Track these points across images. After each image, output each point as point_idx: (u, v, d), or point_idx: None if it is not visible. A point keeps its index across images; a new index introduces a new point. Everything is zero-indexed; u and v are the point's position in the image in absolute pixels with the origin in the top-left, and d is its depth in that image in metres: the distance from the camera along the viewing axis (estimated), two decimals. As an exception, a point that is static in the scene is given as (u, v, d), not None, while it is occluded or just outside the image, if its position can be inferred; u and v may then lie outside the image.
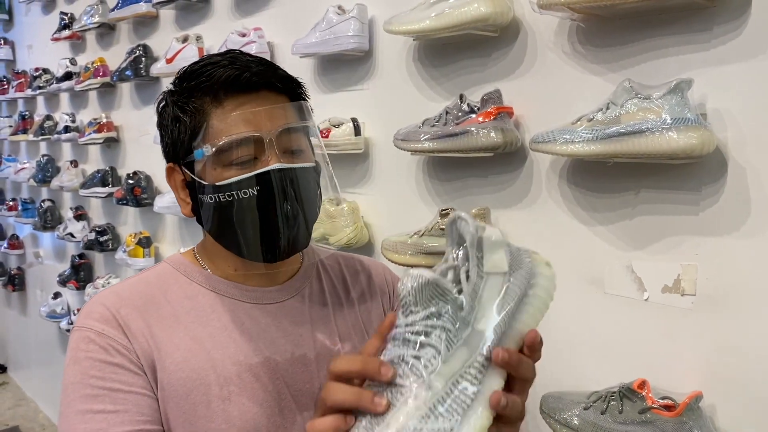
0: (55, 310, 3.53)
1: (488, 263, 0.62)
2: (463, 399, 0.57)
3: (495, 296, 0.61)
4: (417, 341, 0.59)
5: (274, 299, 0.89)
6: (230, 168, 0.81)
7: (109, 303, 0.82)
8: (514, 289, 0.61)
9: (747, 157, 1.08)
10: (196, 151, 0.82)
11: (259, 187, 0.80)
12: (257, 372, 0.83)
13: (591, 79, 1.26)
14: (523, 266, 0.63)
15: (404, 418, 0.56)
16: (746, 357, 1.09)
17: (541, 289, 0.62)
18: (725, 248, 1.11)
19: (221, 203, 0.81)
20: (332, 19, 1.70)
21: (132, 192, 2.66)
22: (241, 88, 0.81)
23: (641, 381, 1.13)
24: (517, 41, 1.39)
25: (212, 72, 0.81)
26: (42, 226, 3.56)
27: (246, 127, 0.80)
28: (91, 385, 0.77)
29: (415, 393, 0.57)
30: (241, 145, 0.80)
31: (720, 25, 1.09)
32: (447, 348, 0.58)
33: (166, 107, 0.86)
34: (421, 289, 0.60)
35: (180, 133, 0.84)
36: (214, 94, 0.81)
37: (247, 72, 0.81)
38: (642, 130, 1.07)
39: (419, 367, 0.58)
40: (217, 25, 2.31)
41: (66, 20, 3.19)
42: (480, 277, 0.61)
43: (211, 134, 0.81)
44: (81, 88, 2.96)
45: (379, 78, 1.73)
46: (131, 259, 2.69)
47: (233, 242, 0.84)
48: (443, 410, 0.56)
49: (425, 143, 1.43)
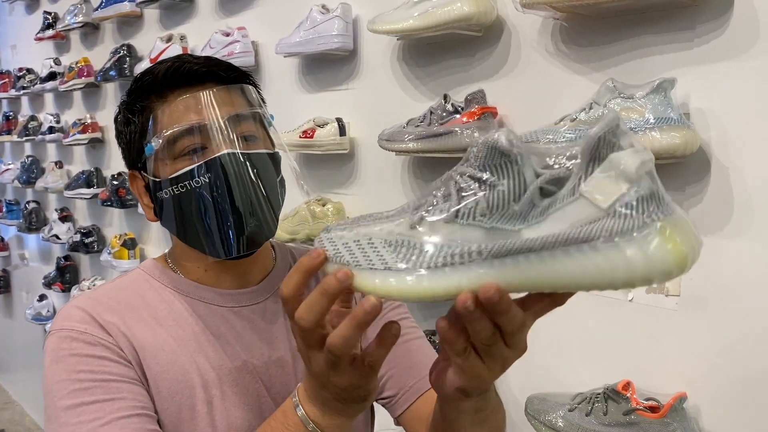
0: (40, 313, 3.50)
1: (592, 184, 0.46)
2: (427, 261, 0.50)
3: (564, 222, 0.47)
4: (447, 190, 0.52)
5: (249, 301, 0.88)
6: (180, 159, 0.79)
7: (86, 306, 0.80)
8: (593, 233, 0.45)
9: (730, 156, 1.07)
10: (146, 147, 0.80)
11: (210, 174, 0.77)
12: (236, 377, 0.82)
13: (574, 79, 1.26)
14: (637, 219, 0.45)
15: (376, 230, 0.53)
16: (730, 358, 1.09)
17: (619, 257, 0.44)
18: (709, 248, 1.10)
19: (175, 196, 0.80)
20: (316, 19, 1.69)
21: (117, 193, 2.63)
22: (184, 81, 0.80)
23: (626, 382, 1.13)
24: (500, 41, 1.39)
25: (155, 69, 0.81)
26: (27, 227, 3.53)
27: (192, 117, 0.79)
28: (80, 380, 0.74)
29: (400, 222, 0.53)
30: (187, 134, 0.78)
31: (703, 24, 1.09)
32: (464, 216, 0.51)
33: (119, 115, 0.86)
34: (491, 150, 0.50)
35: (131, 135, 0.83)
36: (158, 90, 0.81)
37: (187, 63, 0.81)
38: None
39: (423, 206, 0.53)
40: (201, 24, 2.30)
41: (50, 20, 3.15)
42: (572, 192, 0.47)
43: (158, 129, 0.80)
44: (65, 88, 2.93)
45: (364, 78, 1.72)
46: (116, 261, 2.66)
47: (194, 237, 0.82)
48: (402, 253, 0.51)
49: (409, 143, 1.42)
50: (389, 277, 0.51)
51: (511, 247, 0.48)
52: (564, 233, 0.46)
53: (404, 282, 0.51)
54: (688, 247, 0.45)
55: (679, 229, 0.46)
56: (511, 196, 0.50)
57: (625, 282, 0.45)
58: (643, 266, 0.44)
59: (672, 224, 0.45)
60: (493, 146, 0.50)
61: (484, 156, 0.51)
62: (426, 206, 0.53)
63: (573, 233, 0.46)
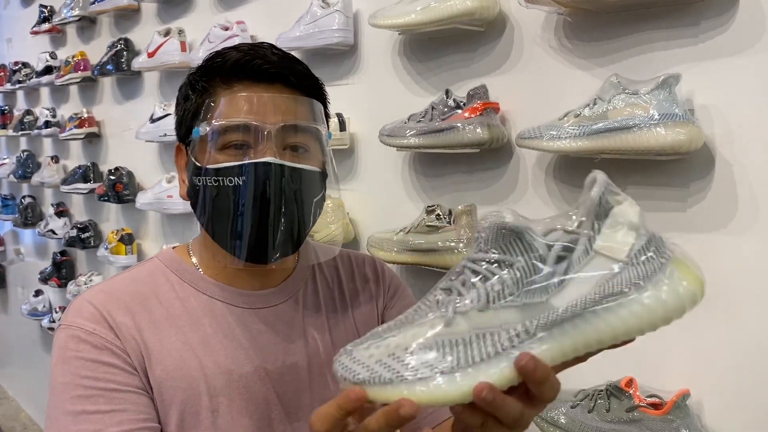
0: (36, 308, 3.48)
1: (604, 240, 0.50)
2: (476, 355, 0.50)
3: (590, 280, 0.49)
4: (468, 279, 0.53)
5: (267, 303, 0.86)
6: (223, 152, 0.77)
7: (97, 302, 0.79)
8: (618, 283, 0.49)
9: (734, 153, 1.07)
10: (194, 129, 0.79)
11: (245, 178, 0.75)
12: (247, 382, 0.80)
13: (578, 74, 1.25)
14: (654, 263, 0.49)
15: (409, 339, 0.52)
16: (733, 355, 1.08)
17: (654, 298, 0.48)
18: (713, 245, 1.10)
19: (208, 186, 0.77)
20: (316, 13, 1.68)
21: (114, 188, 2.62)
22: (254, 76, 0.78)
23: (628, 379, 1.12)
24: (503, 36, 1.38)
25: (228, 54, 0.79)
26: (23, 222, 3.51)
27: (248, 114, 0.76)
28: (83, 386, 0.73)
29: (433, 322, 0.52)
30: (237, 130, 0.76)
31: (708, 20, 1.08)
32: (494, 300, 0.51)
33: (182, 86, 0.85)
34: (497, 231, 0.53)
35: (186, 111, 0.81)
36: (225, 76, 0.79)
37: (261, 59, 0.78)
38: (629, 126, 1.06)
39: (452, 302, 0.53)
40: (199, 18, 2.28)
41: (46, 13, 3.13)
42: (586, 252, 0.50)
43: (212, 115, 0.77)
44: (61, 82, 2.91)
45: (365, 73, 1.71)
46: (113, 257, 2.65)
47: (218, 232, 0.80)
48: (449, 352, 0.50)
49: (411, 139, 1.41)
50: (440, 381, 0.50)
51: (555, 318, 0.49)
52: (599, 291, 0.49)
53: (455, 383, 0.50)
54: (700, 272, 0.50)
55: (689, 259, 0.51)
56: (531, 270, 0.52)
57: (664, 319, 0.49)
58: (675, 301, 0.48)
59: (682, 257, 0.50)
60: (501, 227, 0.53)
61: (494, 238, 0.53)
62: (449, 302, 0.53)
63: (607, 289, 0.49)
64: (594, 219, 0.51)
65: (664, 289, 0.48)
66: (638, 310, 0.48)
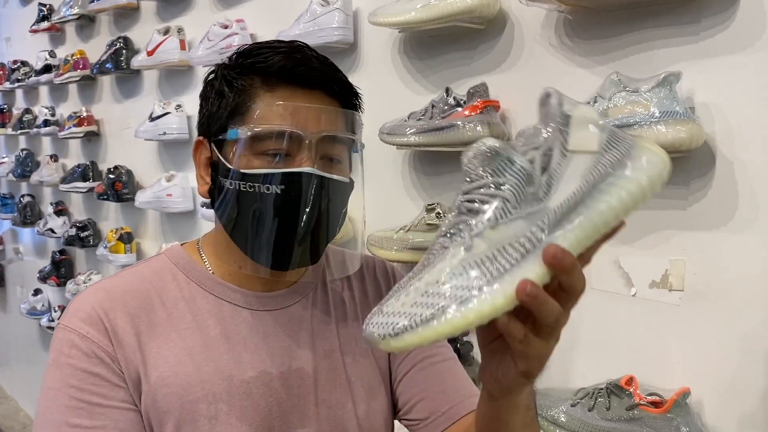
0: (35, 307, 3.48)
1: (574, 140, 0.55)
2: (505, 264, 0.52)
3: (576, 175, 0.54)
4: (472, 209, 0.56)
5: (276, 305, 0.84)
6: (260, 158, 0.75)
7: (97, 303, 0.77)
8: (600, 168, 0.53)
9: (735, 151, 1.07)
10: (231, 130, 0.76)
11: (284, 186, 0.74)
12: (249, 388, 0.78)
13: (578, 72, 1.25)
14: (621, 146, 0.55)
15: (436, 274, 0.53)
16: (734, 353, 1.08)
17: (636, 170, 0.53)
18: (713, 243, 1.10)
19: (241, 192, 0.76)
20: (316, 11, 1.67)
21: (113, 187, 2.61)
22: (295, 81, 0.76)
23: (629, 377, 1.12)
24: (503, 34, 1.38)
25: (270, 56, 0.77)
26: (22, 221, 3.50)
27: (290, 121, 0.75)
28: (70, 396, 0.73)
29: (455, 252, 0.54)
30: (280, 137, 0.75)
31: (708, 18, 1.08)
32: (501, 216, 0.54)
33: (215, 80, 0.81)
34: (483, 158, 0.56)
35: (220, 108, 0.78)
36: (266, 77, 0.76)
37: (305, 66, 0.77)
38: (630, 124, 1.06)
39: (465, 229, 0.55)
40: (199, 16, 2.28)
41: (45, 12, 3.12)
42: (563, 155, 0.54)
43: (252, 117, 0.75)
44: (60, 81, 2.91)
45: (364, 71, 1.70)
46: (112, 255, 2.64)
47: (242, 236, 0.78)
48: (476, 273, 0.52)
49: (411, 137, 1.41)
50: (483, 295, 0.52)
51: (562, 213, 0.53)
52: (587, 180, 0.53)
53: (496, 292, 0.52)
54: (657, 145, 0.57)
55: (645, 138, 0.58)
56: (524, 182, 0.55)
57: (651, 185, 0.53)
58: (653, 166, 0.54)
59: (640, 139, 0.57)
60: (483, 153, 0.57)
61: (480, 165, 0.57)
62: (461, 232, 0.55)
63: (594, 175, 0.53)
64: (560, 126, 0.55)
65: (642, 159, 0.54)
66: (626, 184, 0.53)
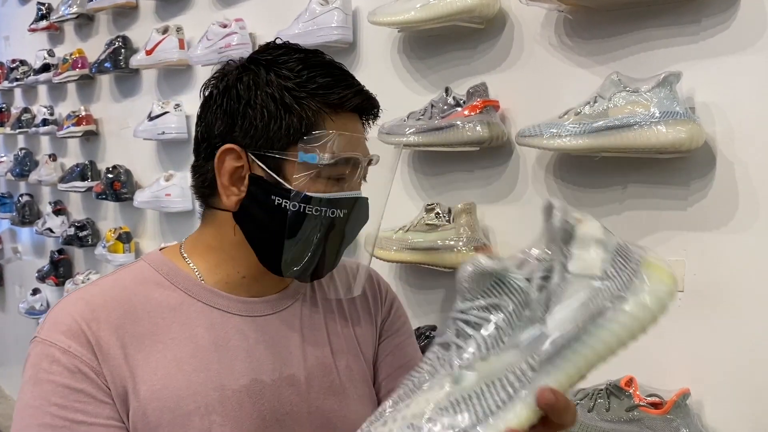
0: (34, 307, 3.47)
1: (576, 262, 0.52)
2: (491, 404, 0.51)
3: (575, 303, 0.51)
4: (464, 331, 0.54)
5: (266, 310, 0.83)
6: (324, 182, 0.77)
7: (78, 314, 0.73)
8: (601, 299, 0.51)
9: (735, 151, 1.06)
10: (306, 154, 0.75)
11: (345, 210, 0.78)
12: (241, 397, 0.77)
13: (578, 72, 1.25)
14: (626, 269, 0.52)
15: (423, 405, 0.52)
16: (734, 354, 1.08)
17: (636, 305, 0.51)
18: (713, 244, 1.09)
19: (302, 213, 0.76)
20: (315, 10, 1.67)
21: (112, 186, 2.61)
22: (353, 109, 0.80)
23: (628, 378, 1.12)
24: (503, 33, 1.37)
25: (337, 87, 0.77)
26: (20, 221, 3.50)
27: (354, 148, 0.78)
28: (51, 414, 0.69)
29: (441, 383, 0.53)
30: (347, 164, 0.78)
31: (709, 18, 1.08)
32: (493, 346, 0.53)
33: (268, 87, 0.76)
34: (478, 277, 0.54)
35: (286, 126, 0.75)
36: (333, 107, 0.77)
37: (368, 103, 0.81)
38: (630, 124, 1.05)
39: (453, 357, 0.53)
40: (197, 15, 2.27)
41: (43, 11, 3.12)
42: (563, 278, 0.52)
43: (329, 145, 0.76)
44: (59, 80, 2.90)
45: (363, 70, 1.70)
46: (111, 255, 2.64)
47: (277, 254, 0.78)
48: (465, 408, 0.51)
49: (410, 137, 1.40)
50: None
51: (554, 349, 0.51)
52: (585, 312, 0.51)
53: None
54: (668, 265, 0.54)
55: (655, 257, 0.54)
56: (520, 307, 0.53)
57: (651, 320, 0.52)
58: (656, 301, 0.51)
59: (650, 258, 0.54)
60: (480, 272, 0.54)
61: (476, 285, 0.55)
62: (452, 358, 0.54)
63: (592, 308, 0.51)
64: (561, 244, 0.53)
65: (644, 293, 0.51)
66: (626, 320, 0.51)
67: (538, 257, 0.55)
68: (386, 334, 0.94)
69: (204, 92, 0.82)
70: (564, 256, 0.53)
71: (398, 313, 0.97)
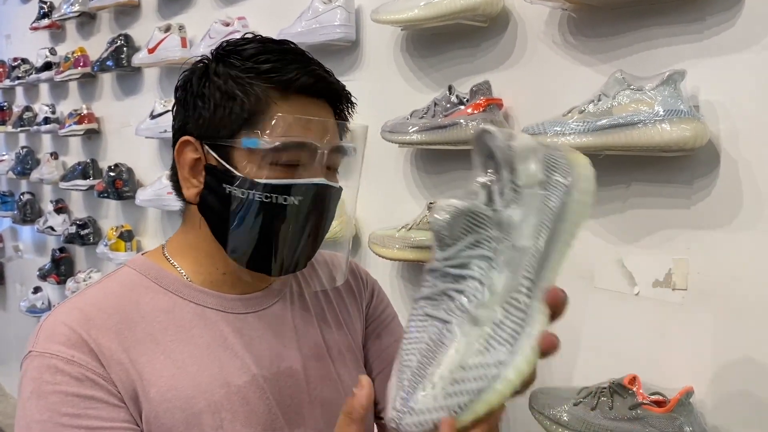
0: (35, 305, 3.47)
1: (522, 176, 0.58)
2: (515, 327, 0.55)
3: (533, 210, 0.58)
4: (458, 274, 0.57)
5: (256, 306, 0.83)
6: (274, 168, 0.74)
7: (73, 322, 0.71)
8: (554, 199, 0.58)
9: (740, 150, 1.06)
10: (249, 139, 0.74)
11: (301, 197, 0.74)
12: (245, 393, 0.77)
13: (582, 70, 1.24)
14: (559, 169, 0.59)
15: (457, 355, 0.54)
16: (738, 352, 1.08)
17: (580, 193, 0.59)
18: (717, 242, 1.09)
19: (254, 201, 0.74)
20: (318, 8, 1.67)
21: (113, 185, 2.60)
22: (310, 93, 0.77)
23: (632, 377, 1.12)
24: (506, 32, 1.37)
25: (286, 69, 0.75)
26: (21, 219, 3.49)
27: (307, 133, 0.75)
28: (64, 425, 0.67)
29: (464, 330, 0.55)
30: (298, 149, 0.74)
31: (713, 16, 1.08)
32: (490, 275, 0.56)
33: (216, 77, 0.76)
34: (455, 220, 0.57)
35: (230, 113, 0.75)
36: (283, 88, 0.75)
37: (324, 82, 0.77)
38: (634, 122, 1.05)
39: (463, 301, 0.56)
40: (200, 14, 2.27)
41: (45, 9, 3.11)
42: (516, 192, 0.58)
43: (271, 127, 0.74)
44: (61, 78, 2.90)
45: (366, 69, 1.70)
46: (113, 253, 2.64)
47: (240, 244, 0.76)
48: (497, 343, 0.54)
49: (413, 135, 1.40)
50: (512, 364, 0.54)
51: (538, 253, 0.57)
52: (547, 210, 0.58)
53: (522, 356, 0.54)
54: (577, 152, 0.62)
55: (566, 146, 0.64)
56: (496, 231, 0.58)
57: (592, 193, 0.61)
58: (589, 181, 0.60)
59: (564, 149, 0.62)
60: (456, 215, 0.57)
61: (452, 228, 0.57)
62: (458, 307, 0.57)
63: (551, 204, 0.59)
64: (505, 162, 0.58)
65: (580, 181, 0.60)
66: (577, 197, 0.59)
67: (488, 182, 0.59)
68: (371, 318, 0.97)
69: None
70: (510, 173, 0.58)
71: (380, 297, 1.00)
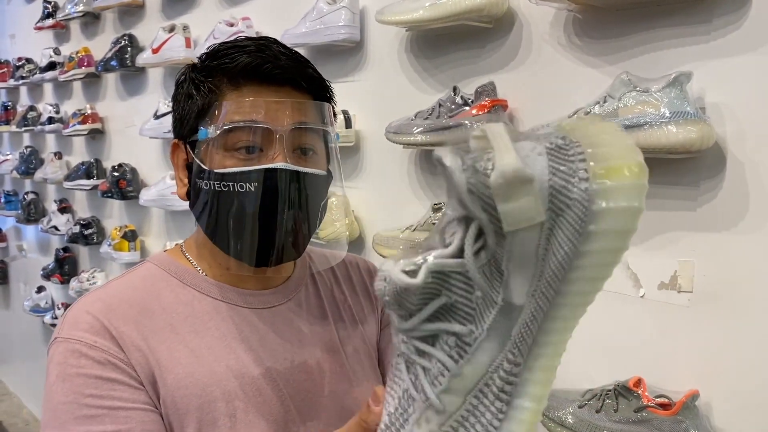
0: (38, 304, 3.48)
1: (508, 217, 0.39)
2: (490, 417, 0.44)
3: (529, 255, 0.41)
4: (420, 348, 0.46)
5: (270, 303, 0.84)
6: (232, 156, 0.75)
7: (96, 311, 0.75)
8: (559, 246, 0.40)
9: (746, 152, 1.06)
10: (201, 130, 0.76)
11: (257, 183, 0.74)
12: (259, 384, 0.78)
13: (587, 72, 1.24)
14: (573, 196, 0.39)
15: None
16: (743, 355, 1.07)
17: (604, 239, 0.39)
18: (723, 244, 1.09)
19: (215, 191, 0.76)
20: (323, 9, 1.67)
21: (117, 185, 2.61)
22: (262, 78, 0.76)
23: (637, 379, 1.11)
24: (511, 33, 1.37)
25: (236, 55, 0.76)
26: (25, 218, 3.50)
27: (257, 116, 0.74)
28: (88, 405, 0.70)
29: (426, 416, 0.45)
30: (248, 132, 0.74)
31: (720, 17, 1.07)
32: (460, 353, 0.44)
33: (184, 82, 0.82)
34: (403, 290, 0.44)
35: (189, 110, 0.79)
36: (232, 77, 0.76)
37: (271, 63, 0.76)
38: (640, 124, 1.05)
39: (424, 384, 0.45)
40: (204, 14, 2.27)
41: (49, 9, 3.12)
42: (501, 236, 0.41)
43: (220, 116, 0.75)
44: (65, 78, 2.91)
45: (371, 69, 1.70)
46: (116, 253, 2.64)
47: (221, 237, 0.78)
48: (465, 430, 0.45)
49: (418, 136, 1.40)
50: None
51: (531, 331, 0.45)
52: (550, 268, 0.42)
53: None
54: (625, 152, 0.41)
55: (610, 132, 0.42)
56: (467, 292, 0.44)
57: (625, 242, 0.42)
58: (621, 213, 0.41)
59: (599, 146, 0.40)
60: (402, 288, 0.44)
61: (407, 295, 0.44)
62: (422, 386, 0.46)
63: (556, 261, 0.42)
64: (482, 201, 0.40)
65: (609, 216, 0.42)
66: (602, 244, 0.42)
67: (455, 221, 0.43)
68: (386, 322, 0.97)
69: None
70: (489, 215, 0.40)
71: None
